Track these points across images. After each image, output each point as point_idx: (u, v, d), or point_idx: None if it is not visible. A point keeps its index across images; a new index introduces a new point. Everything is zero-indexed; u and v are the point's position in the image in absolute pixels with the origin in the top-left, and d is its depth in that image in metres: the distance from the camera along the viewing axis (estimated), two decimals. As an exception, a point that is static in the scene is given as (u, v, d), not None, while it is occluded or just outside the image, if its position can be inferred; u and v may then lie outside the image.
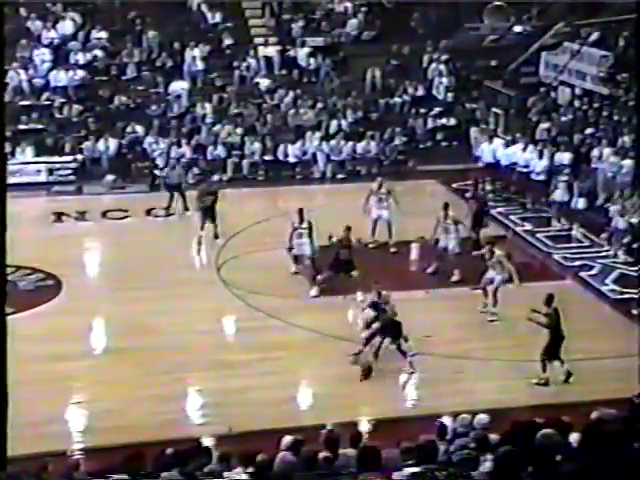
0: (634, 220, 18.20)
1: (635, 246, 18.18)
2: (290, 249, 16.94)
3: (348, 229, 16.50)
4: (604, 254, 18.48)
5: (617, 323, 15.71)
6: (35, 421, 11.38)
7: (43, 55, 24.49)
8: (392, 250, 18.45)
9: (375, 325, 13.84)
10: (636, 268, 17.48)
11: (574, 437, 7.58)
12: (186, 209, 20.47)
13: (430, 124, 25.13)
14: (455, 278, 17.07)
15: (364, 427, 11.98)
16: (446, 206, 17.54)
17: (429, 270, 17.44)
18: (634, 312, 15.87)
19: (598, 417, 8.03)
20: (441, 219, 17.31)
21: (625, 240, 18.35)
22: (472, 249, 16.98)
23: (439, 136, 25.11)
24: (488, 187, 22.49)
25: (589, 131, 21.63)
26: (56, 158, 22.66)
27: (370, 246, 18.37)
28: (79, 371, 13.58)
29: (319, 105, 24.78)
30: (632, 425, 8.13)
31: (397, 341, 13.66)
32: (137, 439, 11.14)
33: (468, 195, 20.79)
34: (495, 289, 15.71)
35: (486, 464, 7.19)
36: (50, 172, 22.23)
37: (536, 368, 13.64)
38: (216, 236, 18.88)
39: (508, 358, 14.09)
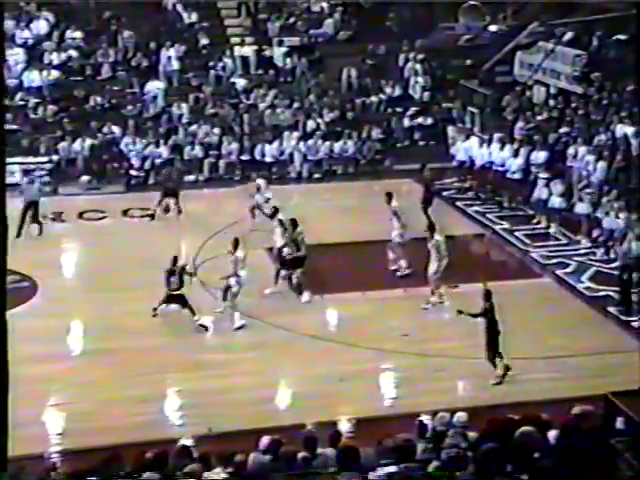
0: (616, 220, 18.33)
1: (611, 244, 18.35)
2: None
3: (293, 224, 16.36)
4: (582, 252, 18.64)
5: (593, 320, 15.83)
6: (12, 423, 11.27)
7: (17, 55, 24.28)
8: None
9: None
10: (611, 266, 17.67)
11: (552, 434, 7.64)
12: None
13: (407, 123, 25.21)
14: (402, 272, 17.03)
15: (343, 426, 11.99)
16: (389, 196, 17.35)
17: (392, 267, 17.31)
18: (609, 309, 16.03)
19: (575, 414, 8.10)
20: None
21: (602, 238, 18.53)
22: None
23: (416, 135, 25.19)
24: (465, 185, 22.65)
25: (564, 130, 21.78)
26: (31, 159, 22.49)
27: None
28: (56, 373, 13.49)
29: (295, 105, 24.79)
30: (607, 421, 8.22)
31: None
32: (116, 441, 11.09)
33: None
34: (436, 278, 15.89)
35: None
36: (25, 173, 22.02)
37: (514, 366, 13.73)
38: (179, 211, 19.77)
39: (486, 356, 14.14)
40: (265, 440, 8.13)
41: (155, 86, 24.58)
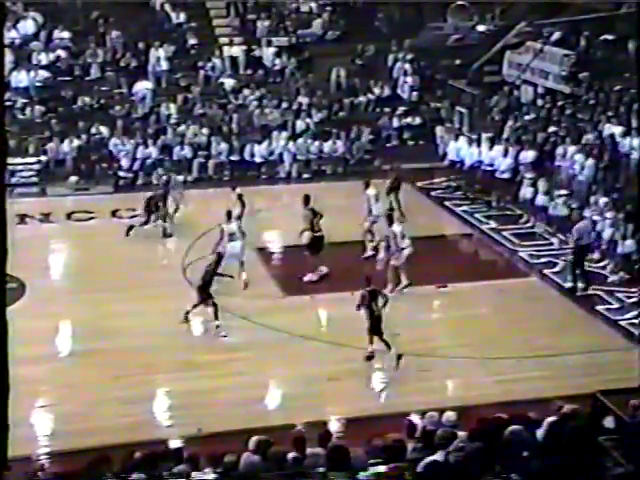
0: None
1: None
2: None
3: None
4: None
5: (581, 319, 15.88)
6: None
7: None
8: None
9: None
10: (600, 264, 17.75)
11: (541, 433, 7.67)
12: None
13: (395, 123, 25.24)
14: (365, 255, 17.82)
15: (333, 426, 11.99)
16: (366, 184, 18.52)
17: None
18: (597, 308, 16.10)
19: (564, 413, 8.13)
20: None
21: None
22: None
23: (405, 135, 25.21)
24: (453, 184, 22.69)
25: (552, 129, 21.85)
26: (19, 160, 22.40)
27: None
28: (45, 374, 13.44)
29: (284, 105, 24.78)
30: (596, 420, 8.25)
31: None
32: (104, 442, 11.05)
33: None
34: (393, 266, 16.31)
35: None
36: (12, 174, 21.91)
37: (503, 365, 13.80)
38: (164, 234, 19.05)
39: (475, 355, 14.18)
40: (254, 440, 8.12)
41: (144, 86, 24.51)
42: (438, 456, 7.19)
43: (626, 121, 20.07)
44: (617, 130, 20.10)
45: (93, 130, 23.33)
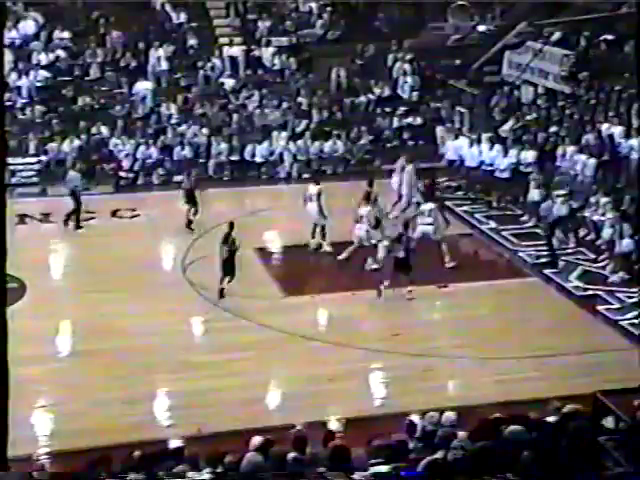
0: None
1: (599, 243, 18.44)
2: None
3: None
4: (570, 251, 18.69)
5: (581, 319, 15.89)
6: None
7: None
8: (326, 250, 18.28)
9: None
10: (600, 265, 17.77)
11: (541, 433, 7.66)
12: (78, 226, 19.48)
13: (396, 123, 25.23)
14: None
15: (334, 426, 11.99)
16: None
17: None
18: (598, 308, 16.10)
19: (564, 413, 8.14)
20: None
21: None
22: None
23: (405, 135, 25.20)
24: (453, 184, 22.67)
25: (553, 129, 21.84)
26: (19, 160, 22.39)
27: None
28: (45, 374, 13.45)
29: (284, 105, 24.78)
30: (596, 420, 8.25)
31: None
32: (104, 442, 11.06)
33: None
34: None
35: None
36: (12, 174, 21.90)
37: (502, 365, 13.80)
38: (189, 223, 19.12)
39: (475, 355, 14.19)
40: (256, 440, 8.12)
41: (144, 86, 24.52)
42: (438, 455, 7.19)
43: (626, 121, 20.06)
44: (617, 130, 20.09)
45: (94, 130, 23.34)
